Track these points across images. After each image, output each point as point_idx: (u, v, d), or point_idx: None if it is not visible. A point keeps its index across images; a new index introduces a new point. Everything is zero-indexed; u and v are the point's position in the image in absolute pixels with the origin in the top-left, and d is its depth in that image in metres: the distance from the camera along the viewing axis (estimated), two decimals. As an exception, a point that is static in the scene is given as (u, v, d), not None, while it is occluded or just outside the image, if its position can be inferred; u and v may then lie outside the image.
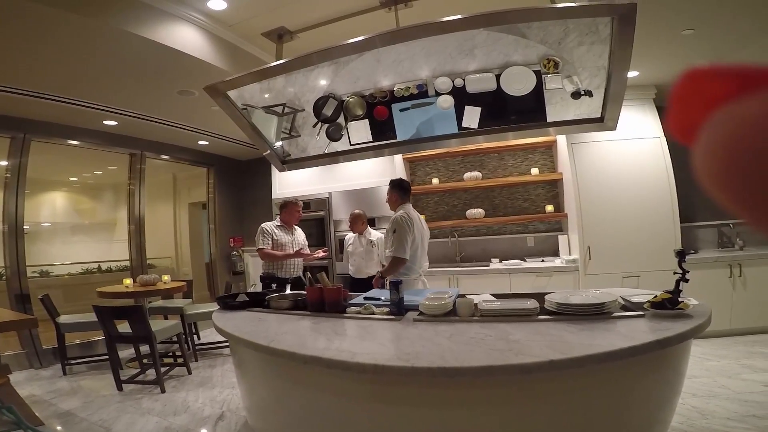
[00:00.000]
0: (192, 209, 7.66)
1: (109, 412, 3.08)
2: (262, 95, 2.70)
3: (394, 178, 3.22)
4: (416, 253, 2.95)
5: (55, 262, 6.42)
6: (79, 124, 4.78)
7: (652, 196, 4.16)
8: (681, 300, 1.73)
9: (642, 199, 4.18)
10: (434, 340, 1.68)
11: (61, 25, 2.76)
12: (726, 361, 3.38)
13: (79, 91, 3.97)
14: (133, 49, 3.13)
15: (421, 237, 2.98)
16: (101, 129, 5.01)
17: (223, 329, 2.10)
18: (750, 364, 3.26)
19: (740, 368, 3.21)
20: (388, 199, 3.20)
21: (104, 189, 7.49)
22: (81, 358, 4.35)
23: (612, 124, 2.31)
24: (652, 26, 2.97)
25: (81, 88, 3.90)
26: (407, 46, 2.26)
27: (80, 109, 4.24)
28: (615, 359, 1.36)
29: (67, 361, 4.11)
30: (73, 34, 2.89)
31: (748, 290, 3.96)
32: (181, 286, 4.49)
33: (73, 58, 3.24)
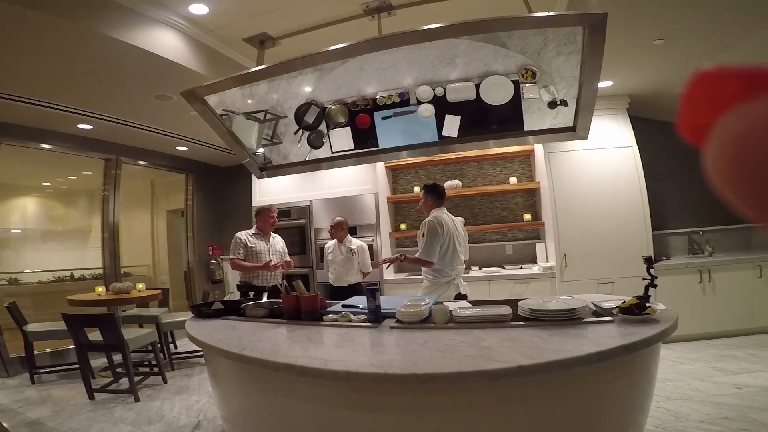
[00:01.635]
0: (170, 216, 7.52)
1: (79, 421, 2.99)
2: (245, 101, 2.69)
3: (428, 183, 3.21)
4: (446, 256, 2.92)
5: (25, 270, 6.20)
6: (52, 127, 4.66)
7: (625, 204, 4.28)
8: (648, 305, 1.77)
9: (615, 207, 4.29)
10: (409, 347, 1.69)
11: (36, 27, 2.71)
12: (698, 365, 3.47)
13: (53, 94, 3.89)
14: (110, 52, 3.08)
15: (453, 240, 2.94)
16: (75, 133, 4.89)
17: (195, 337, 2.06)
18: (721, 367, 3.36)
19: (712, 371, 3.30)
20: (423, 203, 3.18)
21: (78, 195, 7.29)
22: (51, 366, 4.22)
23: (583, 133, 2.37)
24: (624, 36, 3.05)
25: (54, 91, 3.82)
26: (390, 54, 2.29)
27: (53, 112, 4.14)
28: (583, 364, 1.38)
29: (36, 370, 3.99)
30: (49, 37, 2.84)
31: (718, 295, 4.10)
32: (156, 294, 4.39)
33: (47, 60, 3.18)
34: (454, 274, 2.96)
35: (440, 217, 2.99)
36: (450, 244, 2.93)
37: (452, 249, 2.94)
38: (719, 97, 0.19)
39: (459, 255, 3.00)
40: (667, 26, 2.97)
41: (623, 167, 4.32)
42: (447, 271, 2.95)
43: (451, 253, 2.94)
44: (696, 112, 0.21)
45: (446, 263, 2.94)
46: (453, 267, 2.96)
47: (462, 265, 3.05)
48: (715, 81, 0.20)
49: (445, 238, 2.91)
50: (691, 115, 0.21)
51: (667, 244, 4.77)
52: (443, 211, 3.07)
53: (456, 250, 2.96)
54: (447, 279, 2.95)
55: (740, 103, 0.19)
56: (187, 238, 6.74)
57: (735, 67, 0.19)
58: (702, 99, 0.20)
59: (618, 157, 4.34)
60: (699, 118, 0.20)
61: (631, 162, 4.31)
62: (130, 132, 4.97)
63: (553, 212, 4.34)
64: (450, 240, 2.93)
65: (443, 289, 2.93)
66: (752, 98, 0.18)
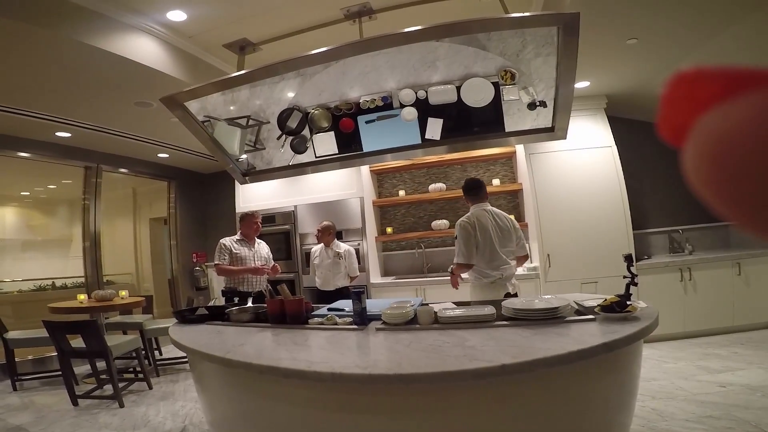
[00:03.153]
0: (153, 224, 7.40)
1: (62, 427, 2.95)
2: (226, 107, 2.68)
3: (467, 179, 3.03)
4: (485, 255, 2.75)
5: (5, 279, 6.05)
6: (30, 135, 4.57)
7: (606, 204, 4.35)
8: (629, 303, 1.80)
9: (596, 207, 4.36)
10: (394, 348, 1.69)
11: (12, 35, 2.66)
12: (682, 363, 3.50)
13: (29, 102, 3.81)
14: (86, 59, 3.04)
15: (491, 238, 2.75)
16: (54, 141, 4.79)
17: (179, 342, 2.04)
18: (705, 366, 3.39)
19: (696, 370, 3.33)
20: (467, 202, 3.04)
21: (58, 204, 7.14)
22: (34, 373, 4.16)
23: (561, 133, 2.42)
24: (598, 37, 3.12)
25: (30, 99, 3.74)
26: (372, 58, 2.30)
27: (30, 119, 4.05)
28: (565, 363, 1.40)
29: (18, 377, 3.93)
30: (22, 44, 2.79)
31: (699, 293, 4.16)
32: (139, 301, 4.34)
33: (22, 67, 3.12)
34: (496, 274, 2.74)
35: (475, 214, 2.81)
36: (488, 243, 2.74)
37: (490, 247, 2.75)
38: (698, 98, 0.20)
39: (500, 253, 2.78)
40: (639, 26, 3.04)
41: (603, 167, 4.39)
42: (487, 272, 2.76)
43: (490, 251, 2.75)
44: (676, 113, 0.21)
45: (485, 263, 2.75)
46: (494, 266, 2.75)
47: (508, 264, 2.80)
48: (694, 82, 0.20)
49: (479, 237, 2.74)
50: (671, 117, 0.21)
51: (648, 243, 4.87)
52: (482, 206, 2.87)
53: (496, 249, 2.76)
54: (489, 279, 2.76)
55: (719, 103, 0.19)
56: (170, 246, 6.64)
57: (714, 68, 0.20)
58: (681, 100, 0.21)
59: (597, 157, 4.42)
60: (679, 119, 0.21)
61: (611, 162, 4.39)
62: (110, 139, 4.89)
63: (535, 213, 4.40)
64: (488, 238, 2.74)
65: (488, 291, 2.75)
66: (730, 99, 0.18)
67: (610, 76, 4.03)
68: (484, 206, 2.90)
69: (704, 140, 0.19)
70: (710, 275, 4.17)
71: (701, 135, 0.19)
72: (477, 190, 2.94)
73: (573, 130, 2.47)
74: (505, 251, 2.81)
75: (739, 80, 0.19)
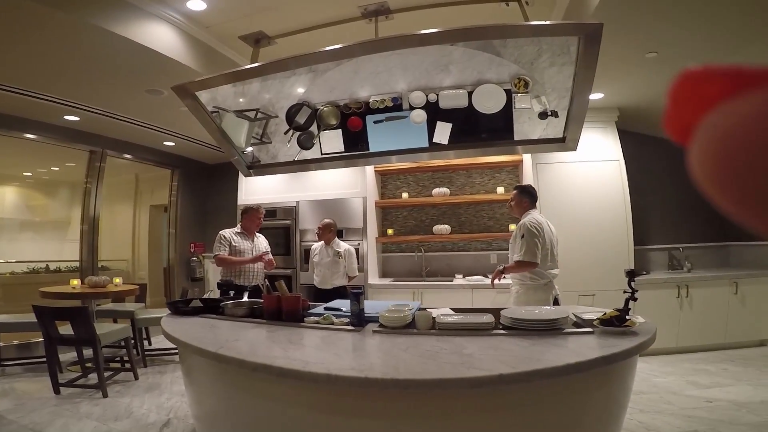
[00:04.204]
0: (153, 212, 7.38)
1: (42, 415, 2.90)
2: (236, 99, 2.66)
3: (521, 184, 3.14)
4: (546, 258, 2.89)
5: (-1, 260, 6.02)
6: (38, 117, 4.55)
7: (609, 218, 4.34)
8: (628, 318, 1.79)
9: (599, 220, 4.35)
10: (391, 352, 1.68)
11: (29, 17, 2.65)
12: (672, 378, 3.53)
13: (40, 84, 3.80)
14: (103, 44, 3.03)
15: (551, 242, 2.93)
16: (61, 124, 4.78)
17: (171, 334, 2.02)
18: (694, 381, 3.42)
19: (685, 385, 3.35)
20: (516, 204, 3.13)
21: (60, 186, 7.13)
22: (17, 359, 4.08)
23: (572, 144, 2.40)
24: (617, 49, 3.10)
25: (42, 81, 3.73)
26: (385, 58, 2.28)
27: (40, 102, 4.04)
28: (562, 374, 1.38)
29: (1, 363, 3.86)
30: (41, 27, 2.78)
31: (694, 310, 4.18)
32: (133, 289, 4.31)
33: (37, 50, 3.11)
34: (551, 276, 2.91)
35: (537, 218, 2.97)
36: (549, 246, 2.91)
37: (550, 250, 2.92)
38: (704, 96, 0.20)
39: (556, 257, 2.96)
40: (660, 40, 3.02)
41: (609, 181, 4.39)
42: (545, 273, 2.89)
43: (549, 254, 2.91)
44: (682, 111, 0.21)
45: (545, 265, 2.90)
46: (550, 268, 2.92)
47: (557, 269, 2.97)
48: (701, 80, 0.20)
49: (545, 239, 2.89)
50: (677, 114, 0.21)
51: (647, 259, 4.86)
52: (536, 212, 3.04)
53: (553, 252, 2.94)
54: (545, 281, 2.89)
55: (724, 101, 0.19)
56: (169, 234, 6.62)
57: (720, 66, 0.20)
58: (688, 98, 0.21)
59: (605, 170, 4.41)
60: (685, 117, 0.21)
61: (617, 176, 4.38)
62: (117, 125, 4.88)
63: (540, 223, 4.38)
64: (548, 241, 2.91)
65: (541, 293, 2.88)
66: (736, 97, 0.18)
67: (624, 89, 4.01)
68: (537, 212, 3.08)
69: (710, 137, 0.19)
70: (707, 293, 4.19)
71: (707, 132, 0.19)
72: (536, 196, 3.15)
73: (582, 142, 2.45)
74: (557, 256, 3.02)
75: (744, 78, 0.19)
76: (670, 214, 4.88)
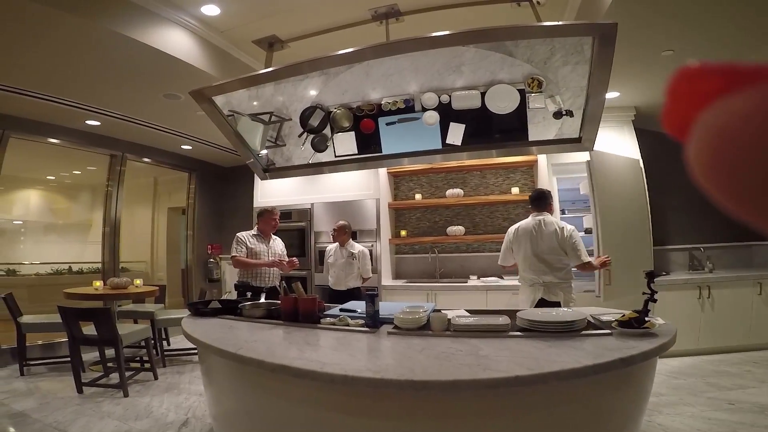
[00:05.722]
0: (171, 214, 7.53)
1: (65, 414, 2.97)
2: (250, 102, 2.70)
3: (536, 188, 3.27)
4: (520, 261, 3.09)
5: (24, 261, 6.20)
6: (61, 122, 4.70)
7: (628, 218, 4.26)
8: (648, 319, 1.76)
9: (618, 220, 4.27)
10: (406, 354, 1.68)
11: (51, 23, 2.74)
12: (692, 380, 3.46)
13: (64, 90, 3.92)
14: (122, 50, 3.11)
15: (526, 246, 3.03)
16: (83, 128, 4.92)
17: (191, 335, 2.06)
18: (715, 383, 3.35)
19: (706, 386, 3.29)
20: None
21: (82, 189, 7.31)
22: (41, 359, 4.19)
23: (589, 144, 2.37)
24: (633, 48, 3.06)
25: (66, 87, 3.85)
26: (396, 60, 2.29)
27: (63, 107, 4.18)
28: (580, 376, 1.37)
29: (26, 362, 3.95)
30: (63, 33, 2.87)
31: (716, 311, 4.09)
32: (153, 290, 4.39)
33: (60, 56, 3.21)
34: (530, 279, 3.04)
35: (519, 223, 3.16)
36: (521, 250, 3.07)
37: (523, 254, 3.06)
38: (701, 93, 0.20)
39: (533, 261, 3.01)
40: (677, 38, 2.98)
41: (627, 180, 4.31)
42: (523, 275, 3.11)
43: (522, 258, 3.08)
44: (679, 107, 0.21)
45: (521, 267, 3.11)
46: (526, 271, 3.07)
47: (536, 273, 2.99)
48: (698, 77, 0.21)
49: (513, 244, 3.12)
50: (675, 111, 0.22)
51: (667, 260, 4.76)
52: (531, 216, 3.12)
53: (527, 256, 3.03)
54: (527, 283, 3.08)
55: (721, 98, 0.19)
56: (187, 236, 6.74)
57: (717, 63, 0.20)
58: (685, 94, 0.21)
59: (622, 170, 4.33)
60: (682, 113, 0.21)
61: (636, 175, 4.30)
62: (136, 129, 5.00)
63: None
64: (521, 245, 3.06)
65: (526, 293, 3.07)
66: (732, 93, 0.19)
67: (641, 88, 3.95)
68: (533, 216, 3.15)
69: (706, 133, 0.19)
70: (730, 294, 4.10)
71: (703, 128, 0.20)
72: (534, 200, 3.21)
73: (599, 142, 2.41)
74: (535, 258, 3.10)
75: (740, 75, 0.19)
76: (691, 213, 4.76)
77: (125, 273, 5.73)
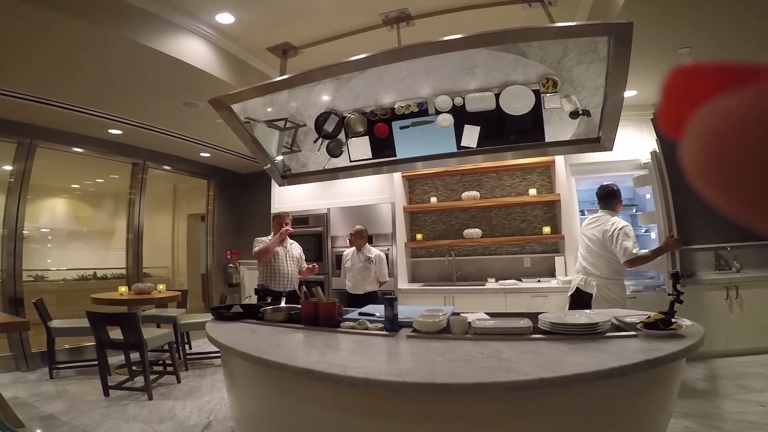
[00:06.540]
0: (191, 220, 7.68)
1: (92, 416, 3.05)
2: (265, 109, 2.74)
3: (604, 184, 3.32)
4: None
5: (51, 268, 6.40)
6: (85, 131, 4.85)
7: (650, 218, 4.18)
8: (674, 321, 1.73)
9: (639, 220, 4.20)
10: (426, 357, 1.68)
11: (72, 33, 2.83)
12: (721, 382, 3.37)
13: (87, 99, 4.04)
14: (142, 59, 3.19)
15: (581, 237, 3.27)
16: (106, 137, 5.07)
17: (216, 339, 2.09)
18: (745, 385, 3.26)
19: (735, 389, 3.20)
20: None
21: (105, 197, 7.52)
22: (69, 362, 4.32)
23: (608, 144, 2.33)
24: (649, 45, 3.01)
25: (89, 96, 3.97)
26: (408, 64, 2.29)
27: (87, 117, 4.31)
28: (605, 378, 1.35)
29: (55, 366, 4.08)
30: (84, 43, 2.96)
31: (745, 312, 3.97)
32: (176, 295, 4.48)
33: (82, 66, 3.31)
34: (576, 267, 3.28)
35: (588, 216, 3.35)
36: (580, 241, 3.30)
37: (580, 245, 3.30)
38: (695, 92, 0.20)
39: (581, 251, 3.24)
40: (693, 35, 2.92)
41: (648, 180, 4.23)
42: None
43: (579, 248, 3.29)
44: (674, 106, 0.21)
45: None
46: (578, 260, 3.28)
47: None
48: (692, 76, 0.21)
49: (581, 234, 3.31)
50: (669, 110, 0.22)
51: (692, 260, 4.63)
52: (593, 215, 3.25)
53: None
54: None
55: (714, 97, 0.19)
56: (206, 242, 6.87)
57: (711, 63, 0.20)
58: (679, 94, 0.21)
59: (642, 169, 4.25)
60: (677, 113, 0.21)
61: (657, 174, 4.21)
62: (157, 138, 5.13)
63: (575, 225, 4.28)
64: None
65: None
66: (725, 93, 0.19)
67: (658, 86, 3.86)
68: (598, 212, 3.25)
69: (698, 133, 0.19)
70: (759, 294, 3.97)
71: (697, 127, 0.20)
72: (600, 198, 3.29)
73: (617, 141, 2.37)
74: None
75: (734, 75, 0.19)
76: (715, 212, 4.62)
77: (147, 278, 5.86)
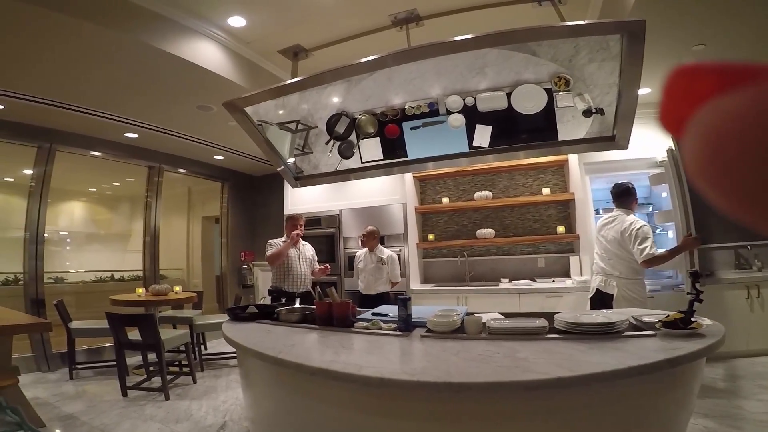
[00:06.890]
0: (205, 223, 7.78)
1: (111, 416, 3.10)
2: (277, 111, 2.76)
3: None
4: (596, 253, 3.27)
5: (70, 270, 6.55)
6: (102, 135, 4.95)
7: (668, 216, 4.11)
8: (694, 320, 1.70)
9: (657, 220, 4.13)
10: (441, 356, 1.68)
11: (86, 37, 2.87)
12: (742, 382, 3.31)
13: (103, 102, 4.12)
14: (156, 62, 3.25)
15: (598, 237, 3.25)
16: (122, 141, 5.17)
17: (232, 339, 2.12)
18: (767, 385, 3.18)
19: (756, 389, 3.14)
20: None
21: (121, 200, 7.66)
22: (88, 363, 4.40)
23: (624, 142, 2.30)
24: (663, 43, 2.97)
25: (106, 100, 4.05)
26: (418, 65, 2.29)
27: (103, 120, 4.39)
28: (623, 377, 1.33)
29: (75, 366, 4.16)
30: (98, 46, 3.01)
31: (767, 311, 3.87)
32: (192, 297, 4.54)
33: (99, 70, 3.38)
34: (594, 268, 3.27)
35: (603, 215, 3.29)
36: (597, 240, 3.28)
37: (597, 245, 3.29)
38: (697, 92, 0.20)
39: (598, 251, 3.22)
40: (708, 32, 2.88)
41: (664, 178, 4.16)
42: None
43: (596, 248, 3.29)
44: (676, 105, 0.22)
45: None
46: (595, 260, 3.27)
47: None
48: (694, 76, 0.21)
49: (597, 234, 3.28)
50: (671, 109, 0.22)
51: (711, 259, 4.53)
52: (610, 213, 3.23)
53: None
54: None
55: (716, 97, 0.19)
56: (221, 244, 6.95)
57: (712, 63, 0.20)
58: (681, 93, 0.21)
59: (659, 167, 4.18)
60: (679, 112, 0.21)
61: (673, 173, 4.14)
62: (172, 141, 5.21)
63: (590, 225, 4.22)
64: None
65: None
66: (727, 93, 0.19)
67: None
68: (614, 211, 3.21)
69: (701, 132, 0.20)
70: (782, 293, 3.87)
71: (697, 128, 0.20)
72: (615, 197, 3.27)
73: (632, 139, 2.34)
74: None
75: (735, 75, 0.19)
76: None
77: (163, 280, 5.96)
